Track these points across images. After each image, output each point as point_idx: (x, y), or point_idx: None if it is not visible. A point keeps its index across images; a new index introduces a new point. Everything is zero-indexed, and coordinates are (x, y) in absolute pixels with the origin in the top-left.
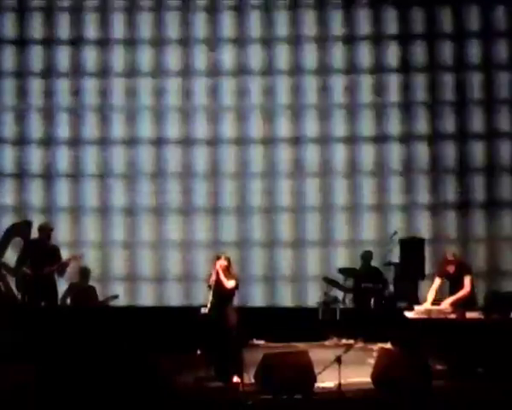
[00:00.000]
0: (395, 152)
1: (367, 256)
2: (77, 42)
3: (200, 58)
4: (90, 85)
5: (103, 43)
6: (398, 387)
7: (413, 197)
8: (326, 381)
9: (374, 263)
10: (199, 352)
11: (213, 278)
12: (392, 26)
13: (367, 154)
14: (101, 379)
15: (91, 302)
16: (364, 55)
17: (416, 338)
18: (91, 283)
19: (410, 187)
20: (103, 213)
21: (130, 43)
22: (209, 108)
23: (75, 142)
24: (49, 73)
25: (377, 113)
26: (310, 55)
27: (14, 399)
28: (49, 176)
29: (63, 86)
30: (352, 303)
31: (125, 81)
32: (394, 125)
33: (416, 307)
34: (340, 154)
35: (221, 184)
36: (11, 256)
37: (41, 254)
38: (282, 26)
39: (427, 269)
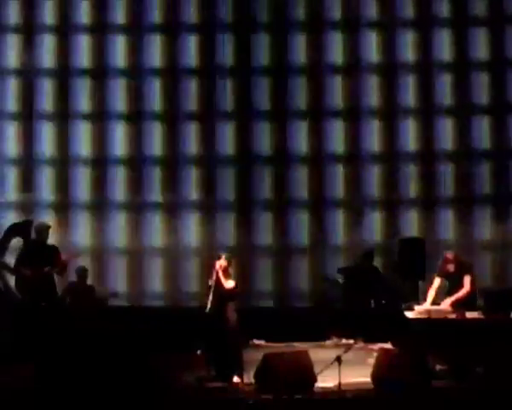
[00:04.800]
0: None
1: (368, 256)
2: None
3: None
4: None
5: None
6: (398, 387)
7: None
8: (326, 381)
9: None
10: (199, 352)
11: (213, 278)
12: None
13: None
14: (101, 379)
15: (90, 302)
16: None
17: (416, 338)
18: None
19: None
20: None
21: None
22: None
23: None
24: None
25: None
26: None
27: (14, 399)
28: None
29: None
30: (352, 303)
31: None
32: None
33: (416, 307)
34: None
35: None
36: (11, 256)
37: (41, 254)
38: None
39: None
